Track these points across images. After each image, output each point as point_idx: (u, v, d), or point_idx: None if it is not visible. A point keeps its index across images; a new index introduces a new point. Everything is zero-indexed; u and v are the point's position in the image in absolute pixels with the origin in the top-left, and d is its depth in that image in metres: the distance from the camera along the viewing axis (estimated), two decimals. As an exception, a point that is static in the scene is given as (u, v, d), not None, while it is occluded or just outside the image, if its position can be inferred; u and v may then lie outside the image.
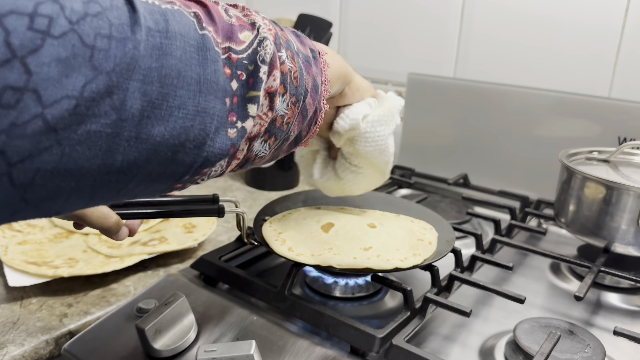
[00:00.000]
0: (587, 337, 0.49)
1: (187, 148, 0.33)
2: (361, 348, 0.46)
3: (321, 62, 0.46)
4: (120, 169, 0.30)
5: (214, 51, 0.34)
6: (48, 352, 0.51)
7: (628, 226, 0.60)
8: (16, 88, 0.25)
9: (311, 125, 0.46)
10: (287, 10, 1.11)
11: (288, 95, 0.40)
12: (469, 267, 0.61)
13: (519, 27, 0.86)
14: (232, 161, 0.38)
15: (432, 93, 0.94)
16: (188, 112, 0.32)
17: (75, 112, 0.27)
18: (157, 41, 0.31)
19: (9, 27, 0.25)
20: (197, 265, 0.59)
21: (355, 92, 0.53)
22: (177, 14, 0.33)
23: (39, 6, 0.26)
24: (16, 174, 0.26)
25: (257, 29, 0.38)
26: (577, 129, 0.81)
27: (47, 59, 0.26)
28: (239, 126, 0.36)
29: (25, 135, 0.26)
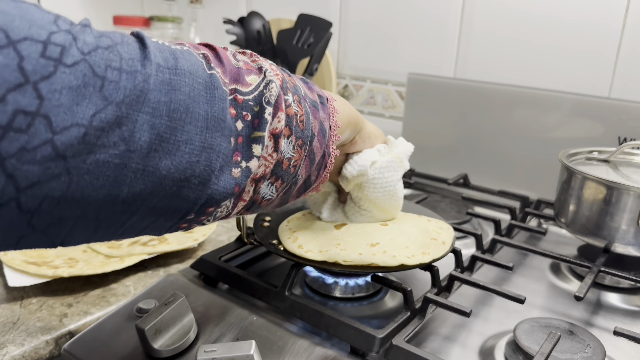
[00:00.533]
0: (587, 337, 0.48)
1: (192, 184, 0.34)
2: (361, 348, 0.46)
3: (329, 108, 0.46)
4: (126, 200, 0.31)
5: (222, 90, 0.35)
6: (48, 352, 0.51)
7: (628, 226, 0.60)
8: (28, 112, 0.25)
9: (320, 170, 0.46)
10: (287, 10, 1.11)
11: (294, 137, 0.40)
12: (469, 267, 0.61)
13: (519, 27, 0.86)
14: (239, 202, 0.38)
15: (432, 93, 0.94)
16: (195, 148, 0.33)
17: (84, 141, 0.27)
18: (166, 77, 0.31)
19: (23, 52, 0.25)
20: (197, 266, 0.59)
21: (366, 140, 0.53)
22: (186, 54, 0.34)
23: (53, 35, 0.27)
24: (24, 199, 0.26)
25: (264, 73, 0.39)
26: (577, 128, 0.81)
27: (59, 86, 0.26)
28: (244, 166, 0.37)
29: (35, 160, 0.26)
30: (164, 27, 1.13)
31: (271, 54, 0.97)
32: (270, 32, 0.98)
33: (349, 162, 0.53)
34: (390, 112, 1.05)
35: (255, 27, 0.98)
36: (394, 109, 1.04)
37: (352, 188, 0.55)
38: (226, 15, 1.17)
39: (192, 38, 1.17)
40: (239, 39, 0.97)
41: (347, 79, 1.09)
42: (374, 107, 1.07)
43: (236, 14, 1.16)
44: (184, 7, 1.20)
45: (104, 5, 1.22)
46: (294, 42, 0.94)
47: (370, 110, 1.07)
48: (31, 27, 0.26)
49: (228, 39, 1.08)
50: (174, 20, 1.13)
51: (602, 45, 0.80)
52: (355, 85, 1.08)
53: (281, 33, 0.96)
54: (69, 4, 1.17)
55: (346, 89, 1.10)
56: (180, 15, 1.17)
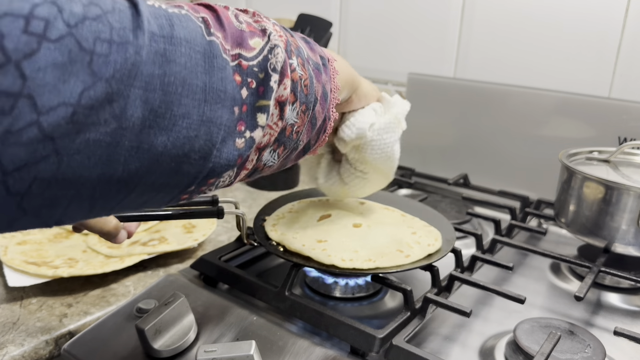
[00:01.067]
0: (588, 337, 0.48)
1: (192, 159, 0.32)
2: (361, 348, 0.46)
3: (330, 70, 0.45)
4: (121, 179, 0.29)
5: (222, 58, 0.33)
6: (48, 352, 0.50)
7: (628, 226, 0.60)
8: (10, 94, 0.24)
9: (320, 134, 0.45)
10: (287, 10, 1.10)
11: (298, 103, 0.39)
12: (469, 267, 0.61)
13: (519, 27, 0.86)
14: (241, 172, 0.37)
15: (432, 93, 0.94)
16: (192, 122, 0.31)
17: (72, 120, 0.26)
18: (160, 47, 0.29)
19: (4, 29, 0.24)
20: (197, 266, 0.59)
21: (362, 98, 0.52)
22: (183, 19, 0.32)
23: (36, 8, 0.25)
24: (12, 182, 0.25)
25: (268, 35, 0.37)
26: (577, 129, 0.81)
27: (43, 63, 0.25)
28: (247, 136, 0.35)
29: (21, 143, 0.25)
30: (163, 27, 1.13)
31: (271, 53, 0.97)
32: (270, 32, 0.98)
33: (346, 125, 0.51)
34: (390, 112, 1.05)
35: (255, 27, 0.98)
36: (394, 109, 1.04)
37: (349, 150, 0.54)
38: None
39: (192, 38, 1.17)
40: (239, 38, 0.97)
41: (347, 79, 1.09)
42: (374, 107, 1.07)
43: (236, 14, 1.16)
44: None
45: None
46: (294, 42, 0.93)
47: (370, 110, 1.07)
48: (12, 1, 0.24)
49: (228, 38, 1.08)
50: (174, 20, 1.13)
51: (602, 46, 0.80)
52: (355, 85, 1.08)
53: (281, 33, 0.95)
54: None
55: (346, 89, 1.10)
56: (180, 15, 1.17)
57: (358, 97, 0.51)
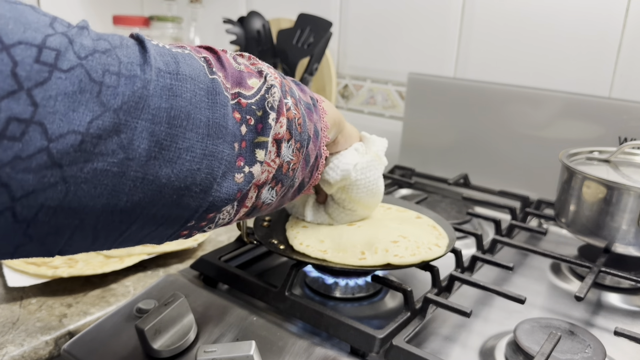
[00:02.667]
0: (588, 337, 0.48)
1: (193, 192, 0.33)
2: (361, 348, 0.46)
3: (320, 109, 0.46)
4: (124, 209, 0.30)
5: (224, 95, 0.34)
6: (47, 353, 0.50)
7: (629, 226, 0.60)
8: (22, 120, 0.24)
9: (313, 172, 0.47)
10: (287, 10, 1.10)
11: (293, 141, 0.40)
12: (469, 268, 0.61)
13: (519, 27, 0.86)
14: (241, 209, 0.38)
15: (432, 93, 0.94)
16: (196, 155, 0.32)
17: (81, 149, 0.26)
18: (167, 82, 0.30)
19: (17, 58, 0.24)
20: (197, 266, 0.59)
21: (347, 139, 0.54)
22: (187, 58, 0.33)
23: (48, 38, 0.26)
24: (19, 209, 0.26)
25: (265, 76, 0.39)
26: (577, 128, 0.81)
27: (54, 92, 0.25)
28: (247, 171, 0.36)
29: (30, 169, 0.25)
30: (163, 27, 1.13)
31: (271, 53, 0.97)
32: (270, 32, 0.98)
33: (330, 168, 0.53)
34: (391, 112, 1.05)
35: (255, 26, 0.98)
36: (394, 109, 1.04)
37: (334, 191, 0.55)
38: (226, 15, 1.17)
39: (191, 38, 1.17)
40: (239, 38, 0.97)
41: (347, 79, 1.09)
42: (374, 107, 1.07)
43: (236, 14, 1.16)
44: (184, 6, 1.20)
45: (104, 5, 1.22)
46: (294, 42, 0.93)
47: (370, 110, 1.07)
48: (26, 30, 0.25)
49: (228, 38, 1.08)
50: (174, 20, 1.13)
51: (603, 45, 0.80)
52: (355, 85, 1.08)
53: (281, 33, 0.96)
54: (68, 4, 1.17)
55: (346, 89, 1.10)
56: (180, 15, 1.17)
57: (344, 137, 0.53)
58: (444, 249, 0.54)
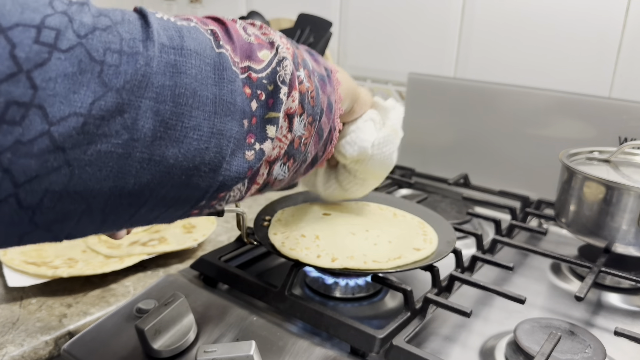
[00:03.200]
0: (588, 337, 0.48)
1: (202, 171, 0.32)
2: (361, 348, 0.46)
3: (334, 81, 0.45)
4: (133, 191, 0.29)
5: (231, 71, 0.33)
6: (47, 353, 0.50)
7: (629, 226, 0.60)
8: (21, 103, 0.24)
9: (327, 145, 0.45)
10: (287, 10, 1.10)
11: (305, 115, 0.39)
12: (469, 268, 0.61)
13: (519, 27, 0.86)
14: (252, 186, 0.37)
15: (432, 93, 0.94)
16: (203, 134, 0.31)
17: (83, 131, 0.26)
18: (171, 58, 0.29)
19: (15, 39, 0.24)
20: (197, 266, 0.59)
21: (362, 107, 0.52)
22: (193, 31, 0.32)
23: (47, 18, 0.25)
24: (23, 195, 0.25)
25: (276, 48, 0.37)
26: (577, 128, 0.81)
27: (53, 73, 0.25)
28: (257, 148, 0.35)
29: (32, 153, 0.24)
30: (163, 27, 1.13)
31: (271, 53, 0.97)
32: (270, 32, 0.98)
33: (347, 142, 0.52)
34: (391, 112, 1.05)
35: (255, 26, 0.98)
36: (394, 109, 1.04)
37: (348, 162, 0.55)
38: (226, 15, 1.17)
39: (192, 38, 1.17)
40: (239, 38, 0.97)
41: (347, 79, 1.09)
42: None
43: (236, 14, 1.16)
44: (184, 6, 1.20)
45: (103, 4, 1.22)
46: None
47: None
48: (24, 11, 0.24)
49: (228, 38, 1.08)
50: (174, 20, 1.13)
51: (603, 45, 0.80)
52: (355, 85, 1.08)
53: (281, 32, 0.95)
54: None
55: (346, 89, 1.09)
56: (179, 14, 1.17)
57: (359, 105, 0.52)
58: (427, 251, 0.54)
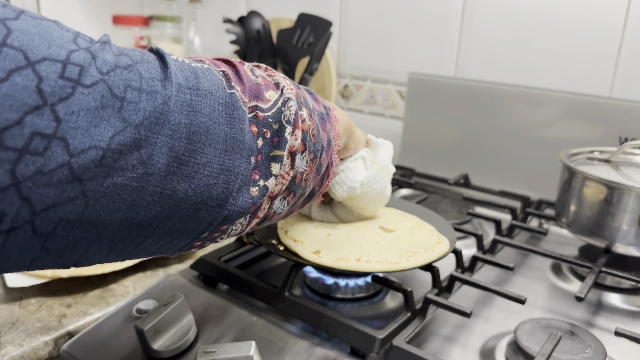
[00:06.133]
0: (588, 337, 0.48)
1: (209, 206, 0.33)
2: (361, 349, 0.46)
3: (332, 118, 0.46)
4: (142, 223, 0.30)
5: (241, 110, 0.35)
6: (47, 353, 0.50)
7: (629, 226, 0.60)
8: (45, 135, 0.25)
9: (323, 180, 0.47)
10: (287, 9, 1.10)
11: (307, 152, 0.40)
12: (469, 268, 0.61)
13: (520, 27, 0.86)
14: (253, 220, 0.38)
15: (432, 93, 0.94)
16: (213, 170, 0.32)
17: (102, 164, 0.27)
18: (187, 98, 0.31)
19: (42, 74, 0.25)
20: (197, 266, 0.59)
21: (357, 145, 0.54)
22: (207, 73, 0.34)
23: (72, 54, 0.26)
24: (39, 222, 0.26)
25: (282, 89, 0.39)
26: (578, 128, 0.81)
27: (76, 107, 0.26)
28: (261, 184, 0.36)
29: (51, 183, 0.25)
30: (163, 27, 1.13)
31: (271, 53, 0.97)
32: (270, 32, 0.98)
33: (337, 182, 0.53)
34: (391, 112, 1.05)
35: (255, 26, 0.98)
36: (395, 109, 1.04)
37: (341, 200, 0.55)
38: (226, 15, 1.17)
39: (191, 38, 1.17)
40: (239, 38, 0.97)
41: (347, 79, 1.09)
42: (374, 106, 1.07)
43: (236, 14, 1.16)
44: (184, 6, 1.20)
45: (104, 4, 1.22)
46: (293, 41, 0.93)
47: (370, 110, 1.07)
48: (50, 46, 0.26)
49: (228, 38, 1.08)
50: (174, 20, 1.13)
51: (603, 45, 0.80)
52: (355, 85, 1.08)
53: (281, 32, 0.95)
54: (68, 4, 1.17)
55: (346, 89, 1.09)
56: (179, 14, 1.17)
57: (354, 142, 0.53)
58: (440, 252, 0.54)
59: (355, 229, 0.56)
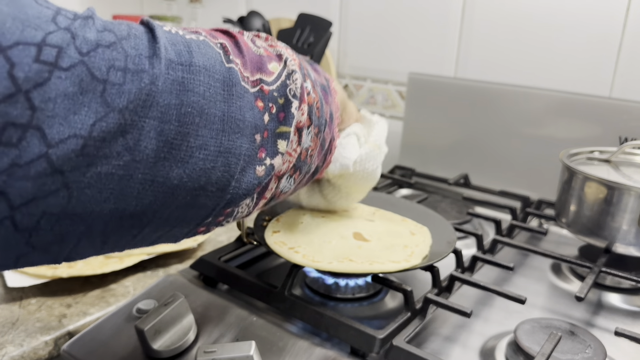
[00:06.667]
0: (588, 337, 0.48)
1: (209, 191, 0.31)
2: (361, 349, 0.46)
3: (332, 90, 0.44)
4: (134, 213, 0.28)
5: (240, 86, 0.32)
6: (47, 353, 0.50)
7: (629, 226, 0.60)
8: (19, 125, 0.23)
9: (326, 155, 0.44)
10: (287, 9, 1.10)
11: (312, 127, 0.38)
12: (469, 268, 0.61)
13: (520, 27, 0.86)
14: (260, 200, 0.36)
15: (432, 93, 0.94)
16: (209, 153, 0.30)
17: (83, 153, 0.25)
18: (178, 75, 0.28)
19: (14, 59, 0.23)
20: (197, 266, 0.59)
21: (350, 118, 0.52)
22: (202, 45, 0.31)
23: (49, 36, 0.24)
24: (20, 217, 0.24)
25: (284, 60, 0.36)
26: (578, 128, 0.81)
27: (53, 93, 0.24)
28: (268, 163, 0.34)
29: (29, 176, 0.24)
30: (163, 27, 1.13)
31: (271, 53, 0.97)
32: (270, 32, 0.98)
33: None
34: (391, 112, 1.05)
35: (255, 26, 0.98)
36: (395, 109, 1.04)
37: (331, 177, 0.54)
38: (226, 15, 1.17)
39: (191, 38, 1.17)
40: (239, 38, 0.97)
41: (347, 79, 1.09)
42: (374, 106, 1.07)
43: (236, 14, 1.16)
44: (184, 6, 1.20)
45: (103, 4, 1.22)
46: (293, 41, 0.93)
47: (370, 110, 1.07)
48: (25, 28, 0.23)
49: (228, 38, 1.07)
50: (174, 20, 1.13)
51: (603, 45, 0.80)
52: (355, 85, 1.08)
53: (281, 32, 0.95)
54: (68, 4, 1.17)
55: (346, 89, 1.09)
56: (179, 14, 1.17)
57: (348, 115, 0.51)
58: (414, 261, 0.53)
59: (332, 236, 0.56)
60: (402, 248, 0.54)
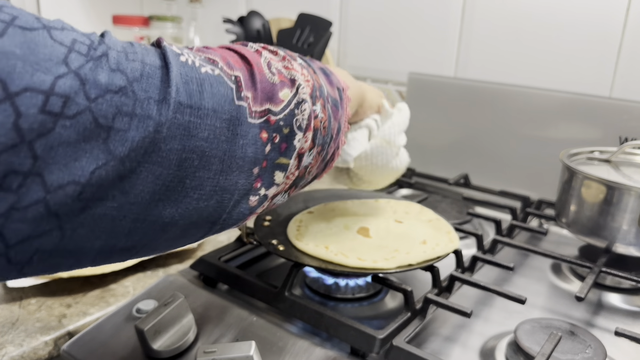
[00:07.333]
0: (588, 337, 0.48)
1: (199, 224, 0.31)
2: (361, 349, 0.46)
3: (345, 100, 0.44)
4: (124, 248, 0.29)
5: (247, 124, 0.32)
6: (47, 353, 0.50)
7: (629, 226, 0.60)
8: (20, 172, 0.23)
9: (328, 163, 0.44)
10: (287, 9, 1.10)
11: (315, 147, 0.38)
12: (469, 268, 0.61)
13: (520, 27, 0.86)
14: (250, 216, 0.36)
15: (432, 93, 0.94)
16: (204, 193, 0.30)
17: (79, 198, 0.25)
18: (185, 120, 0.28)
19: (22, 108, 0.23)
20: (197, 266, 0.59)
21: (367, 110, 0.52)
22: (215, 83, 0.30)
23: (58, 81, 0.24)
24: (13, 254, 0.25)
25: (297, 87, 0.36)
26: (578, 128, 0.81)
27: (56, 142, 0.24)
28: (262, 193, 0.34)
29: (25, 219, 0.24)
30: (163, 27, 1.13)
31: (271, 53, 0.97)
32: (270, 32, 0.98)
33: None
34: (391, 112, 1.05)
35: (255, 26, 0.98)
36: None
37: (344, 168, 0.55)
38: (226, 15, 1.17)
39: (191, 38, 1.17)
40: (239, 38, 0.97)
41: (347, 79, 1.09)
42: (374, 106, 1.07)
43: (236, 13, 1.16)
44: (184, 6, 1.20)
45: (104, 4, 1.22)
46: (293, 41, 0.93)
47: (370, 110, 1.07)
48: (35, 72, 0.23)
49: (228, 38, 1.08)
50: (174, 20, 1.13)
51: (603, 45, 0.79)
52: (355, 85, 1.08)
53: (281, 32, 0.95)
54: (68, 4, 1.17)
55: (346, 89, 1.09)
56: (179, 14, 1.17)
57: (364, 109, 0.52)
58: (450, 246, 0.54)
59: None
60: (392, 251, 0.54)
